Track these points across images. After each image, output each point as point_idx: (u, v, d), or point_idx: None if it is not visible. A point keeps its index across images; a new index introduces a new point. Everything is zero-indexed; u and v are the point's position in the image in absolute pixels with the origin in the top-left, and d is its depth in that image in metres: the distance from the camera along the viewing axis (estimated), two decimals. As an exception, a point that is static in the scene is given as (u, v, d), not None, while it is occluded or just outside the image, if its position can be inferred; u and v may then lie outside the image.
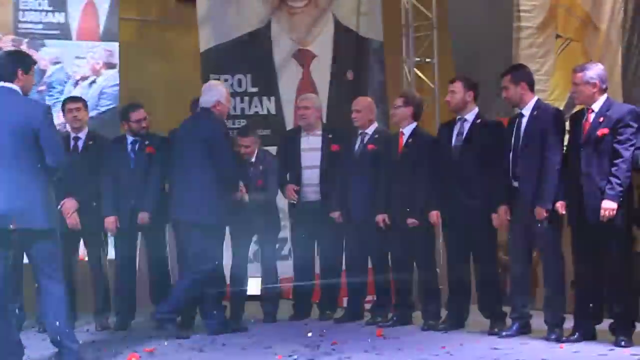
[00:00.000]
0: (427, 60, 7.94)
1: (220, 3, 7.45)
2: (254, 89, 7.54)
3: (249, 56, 7.49)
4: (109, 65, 7.25)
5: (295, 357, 4.61)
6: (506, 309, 5.29)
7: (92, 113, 6.76)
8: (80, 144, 5.81)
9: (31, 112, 4.11)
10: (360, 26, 7.84)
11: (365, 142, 5.89)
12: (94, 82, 7.25)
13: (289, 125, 7.30)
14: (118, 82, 7.24)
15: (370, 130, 5.92)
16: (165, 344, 5.07)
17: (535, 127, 5.05)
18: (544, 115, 5.06)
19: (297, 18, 7.72)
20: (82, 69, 7.22)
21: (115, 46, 7.26)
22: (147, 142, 5.81)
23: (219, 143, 5.35)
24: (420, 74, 7.93)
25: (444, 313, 5.64)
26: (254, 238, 6.17)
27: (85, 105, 5.91)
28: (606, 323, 4.86)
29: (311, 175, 6.05)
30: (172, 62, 8.18)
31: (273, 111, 7.54)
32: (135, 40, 8.02)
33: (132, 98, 6.37)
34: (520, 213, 5.10)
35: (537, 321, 5.18)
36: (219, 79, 7.29)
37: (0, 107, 4.08)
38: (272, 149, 6.41)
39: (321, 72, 7.72)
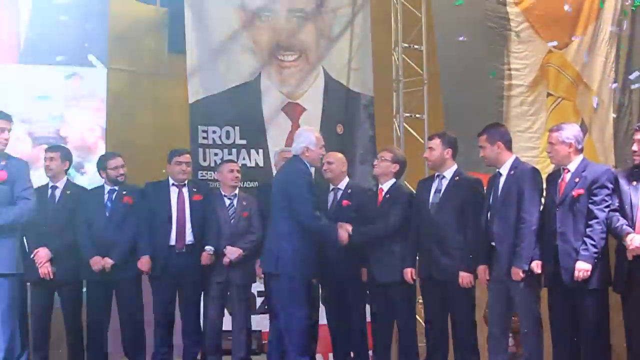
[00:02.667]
0: (417, 115, 7.94)
1: (210, 55, 7.48)
2: (243, 141, 7.51)
3: (237, 108, 7.48)
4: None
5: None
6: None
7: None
8: (57, 193, 5.79)
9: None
10: (351, 81, 7.87)
11: (339, 198, 5.85)
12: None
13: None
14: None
15: (342, 185, 5.89)
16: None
17: (512, 186, 5.01)
18: (521, 175, 5.03)
19: (287, 72, 7.74)
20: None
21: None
22: (124, 192, 5.79)
23: (296, 190, 5.25)
24: (410, 129, 7.93)
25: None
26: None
27: (64, 155, 5.89)
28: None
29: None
30: (162, 113, 8.20)
31: (261, 163, 7.50)
32: (126, 91, 8.07)
33: (120, 149, 6.35)
34: (498, 273, 5.04)
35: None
36: (207, 131, 7.35)
37: None
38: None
39: (311, 125, 7.63)
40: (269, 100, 7.64)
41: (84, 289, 5.85)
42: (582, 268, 4.61)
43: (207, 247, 5.74)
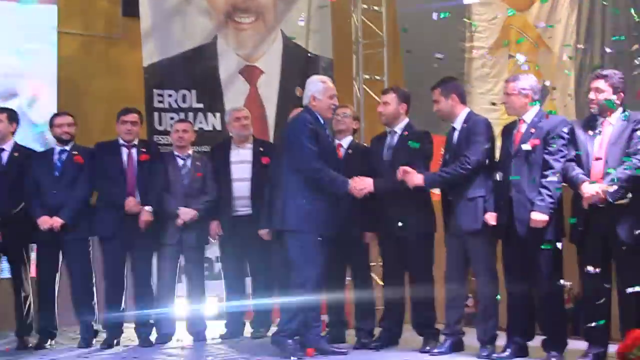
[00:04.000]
0: (377, 77, 7.83)
1: (164, 18, 7.30)
2: (199, 105, 7.36)
3: (194, 72, 7.33)
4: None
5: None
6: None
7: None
8: (4, 155, 5.61)
9: None
10: (310, 43, 7.73)
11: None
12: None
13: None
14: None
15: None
16: None
17: (464, 138, 4.94)
18: (473, 126, 4.95)
19: (244, 34, 7.59)
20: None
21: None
22: (75, 152, 5.63)
23: (294, 138, 4.94)
24: (370, 91, 7.82)
25: (378, 331, 5.46)
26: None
27: (10, 117, 5.71)
28: (539, 340, 4.72)
29: (241, 188, 5.86)
30: (116, 77, 8.01)
31: (218, 127, 7.35)
32: (78, 54, 7.87)
33: (74, 113, 6.16)
34: (454, 228, 4.97)
35: (471, 339, 5.02)
36: (162, 94, 7.20)
37: None
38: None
39: (269, 88, 7.59)
40: (226, 63, 7.50)
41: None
42: (538, 219, 4.54)
43: (147, 207, 5.58)
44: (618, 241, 4.36)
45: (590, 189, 4.40)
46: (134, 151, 5.74)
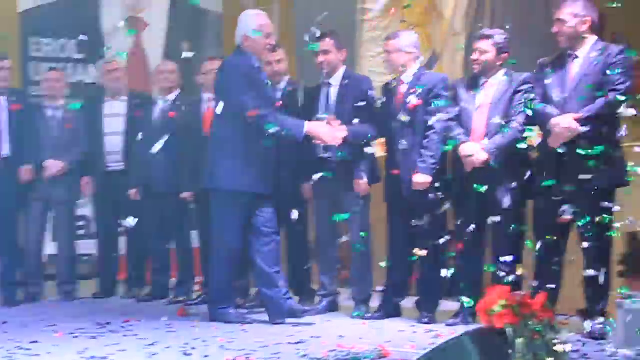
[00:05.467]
0: (267, 34, 7.60)
1: (43, -40, 6.91)
2: (80, 55, 7.02)
3: (74, 20, 6.95)
4: None
5: (77, 335, 4.24)
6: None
7: None
8: None
9: None
10: (199, -4, 7.47)
11: (165, 109, 5.50)
12: None
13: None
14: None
15: (172, 96, 5.55)
16: None
17: (346, 96, 4.81)
18: (356, 84, 4.84)
19: (131, -17, 7.28)
20: None
21: None
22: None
23: (231, 84, 4.42)
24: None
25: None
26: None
27: None
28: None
29: (113, 142, 5.61)
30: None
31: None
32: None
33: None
34: (328, 188, 4.84)
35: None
36: (39, 43, 6.83)
37: None
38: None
39: (154, 41, 7.31)
40: (109, 12, 7.16)
41: None
42: (420, 181, 4.49)
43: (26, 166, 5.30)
44: (495, 206, 4.34)
45: (466, 150, 4.37)
46: (2, 99, 5.38)
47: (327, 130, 4.51)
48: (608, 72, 4.04)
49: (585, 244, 4.05)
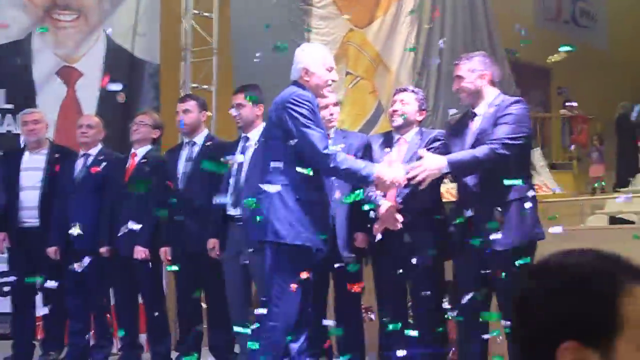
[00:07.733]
0: (205, 87, 7.48)
1: (-28, 8, 6.74)
2: (9, 106, 6.81)
3: (4, 69, 6.79)
4: None
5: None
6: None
7: None
8: None
9: None
10: (136, 46, 7.32)
11: (88, 164, 5.34)
12: None
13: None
14: None
15: (94, 151, 5.39)
16: None
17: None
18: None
19: (64, 33, 7.10)
20: None
21: None
22: None
23: (294, 120, 3.78)
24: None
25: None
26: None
27: None
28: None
29: (29, 197, 5.39)
30: None
31: (30, 131, 6.81)
32: None
33: None
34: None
35: None
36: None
37: None
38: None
39: (88, 91, 7.12)
40: (42, 62, 6.98)
41: None
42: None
43: None
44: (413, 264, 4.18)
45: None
46: None
47: (392, 171, 3.90)
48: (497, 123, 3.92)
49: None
